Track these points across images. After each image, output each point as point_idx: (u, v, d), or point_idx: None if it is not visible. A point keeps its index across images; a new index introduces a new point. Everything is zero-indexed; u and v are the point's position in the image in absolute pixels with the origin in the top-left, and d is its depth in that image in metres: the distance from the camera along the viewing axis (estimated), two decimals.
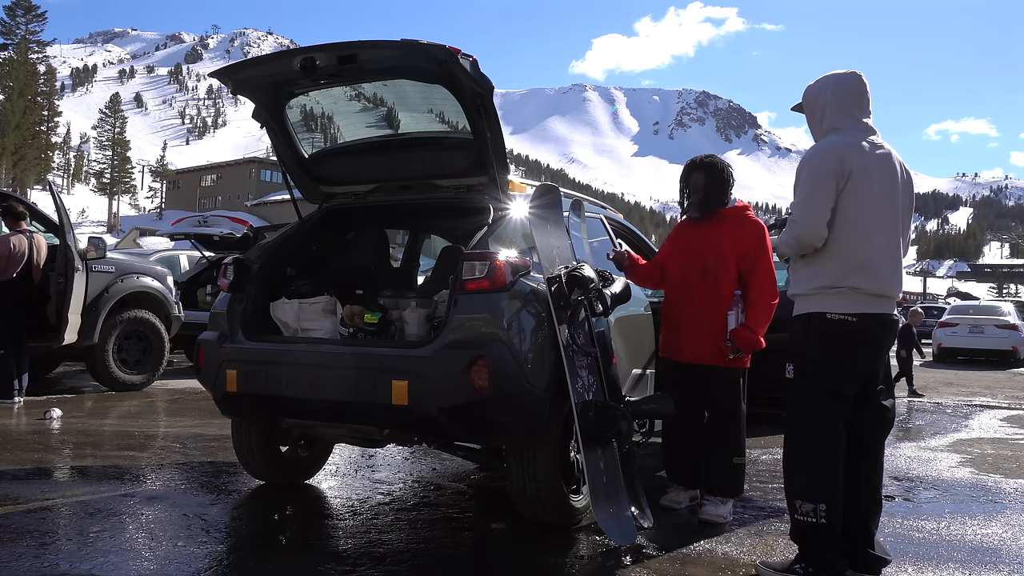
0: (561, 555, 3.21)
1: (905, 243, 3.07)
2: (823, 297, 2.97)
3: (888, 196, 2.96)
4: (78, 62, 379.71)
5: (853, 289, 2.92)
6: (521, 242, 3.75)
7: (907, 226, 3.08)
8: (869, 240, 2.93)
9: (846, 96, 3.01)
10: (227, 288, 3.95)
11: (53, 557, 3.03)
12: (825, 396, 2.95)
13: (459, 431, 3.47)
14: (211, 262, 10.84)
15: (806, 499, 2.89)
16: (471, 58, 3.41)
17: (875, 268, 2.92)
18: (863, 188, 2.91)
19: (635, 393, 4.22)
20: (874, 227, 2.93)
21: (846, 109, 3.01)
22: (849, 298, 2.93)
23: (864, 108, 3.03)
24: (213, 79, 4.81)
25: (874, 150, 2.96)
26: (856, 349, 2.97)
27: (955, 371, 14.76)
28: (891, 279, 2.97)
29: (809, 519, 2.87)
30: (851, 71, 3.08)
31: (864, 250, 2.92)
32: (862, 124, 3.00)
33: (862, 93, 3.03)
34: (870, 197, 2.92)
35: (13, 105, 64.92)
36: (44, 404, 6.67)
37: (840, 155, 2.91)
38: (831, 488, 2.89)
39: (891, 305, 3.01)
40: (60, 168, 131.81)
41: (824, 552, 2.86)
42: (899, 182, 3.01)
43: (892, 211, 2.97)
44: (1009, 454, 6.03)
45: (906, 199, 3.05)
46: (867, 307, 2.94)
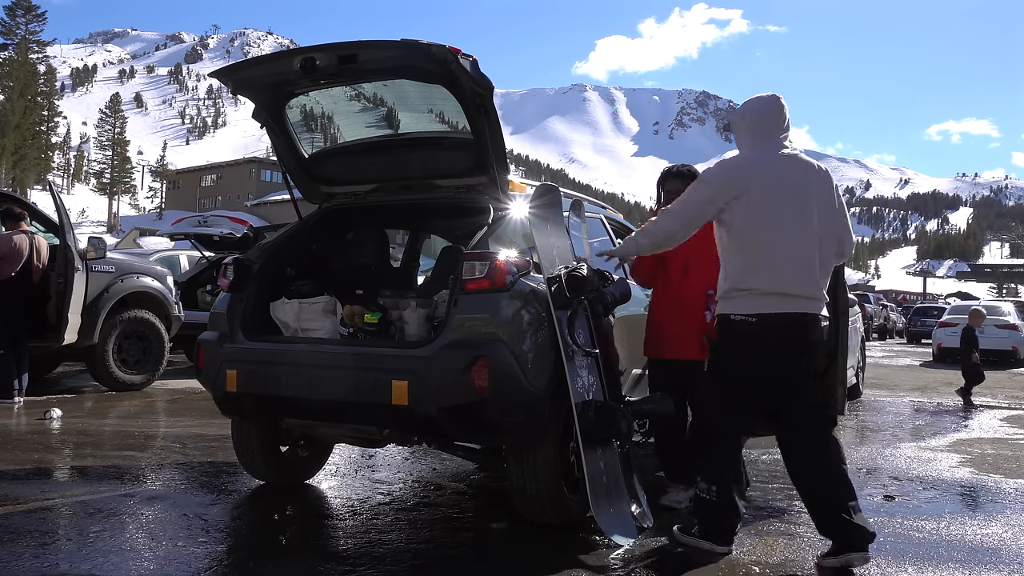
0: (561, 555, 3.20)
1: (832, 240, 3.22)
2: (729, 300, 3.21)
3: (792, 201, 3.15)
4: (78, 62, 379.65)
5: (751, 290, 3.14)
6: (521, 242, 3.75)
7: (829, 224, 3.21)
8: (765, 241, 3.13)
9: (762, 117, 3.27)
10: (227, 288, 3.95)
11: (53, 557, 3.03)
12: (726, 392, 3.22)
13: (459, 431, 3.47)
14: (211, 262, 10.84)
15: (703, 479, 3.25)
16: (471, 58, 3.41)
17: (774, 268, 3.11)
18: (759, 197, 3.13)
19: (635, 393, 4.23)
20: (771, 231, 3.13)
21: (760, 129, 3.26)
22: (749, 299, 3.14)
23: (779, 126, 3.26)
24: (213, 79, 4.81)
25: (780, 161, 3.20)
26: (758, 348, 3.15)
27: (955, 371, 14.74)
28: (794, 277, 3.11)
29: (704, 495, 3.23)
30: (771, 95, 3.33)
31: (761, 252, 3.13)
32: (774, 141, 3.24)
33: (777, 114, 3.27)
34: (768, 205, 3.13)
35: (13, 105, 64.91)
36: (44, 404, 6.67)
37: (733, 172, 3.22)
38: (721, 474, 3.21)
39: (796, 303, 3.12)
40: (60, 168, 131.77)
41: (710, 523, 3.24)
42: (810, 186, 3.18)
43: (798, 214, 3.15)
44: (1009, 454, 6.03)
45: (820, 201, 3.21)
46: (767, 307, 3.11)
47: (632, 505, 3.46)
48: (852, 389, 9.00)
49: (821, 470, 3.15)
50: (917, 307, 33.15)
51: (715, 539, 3.23)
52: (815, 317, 3.19)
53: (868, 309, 26.76)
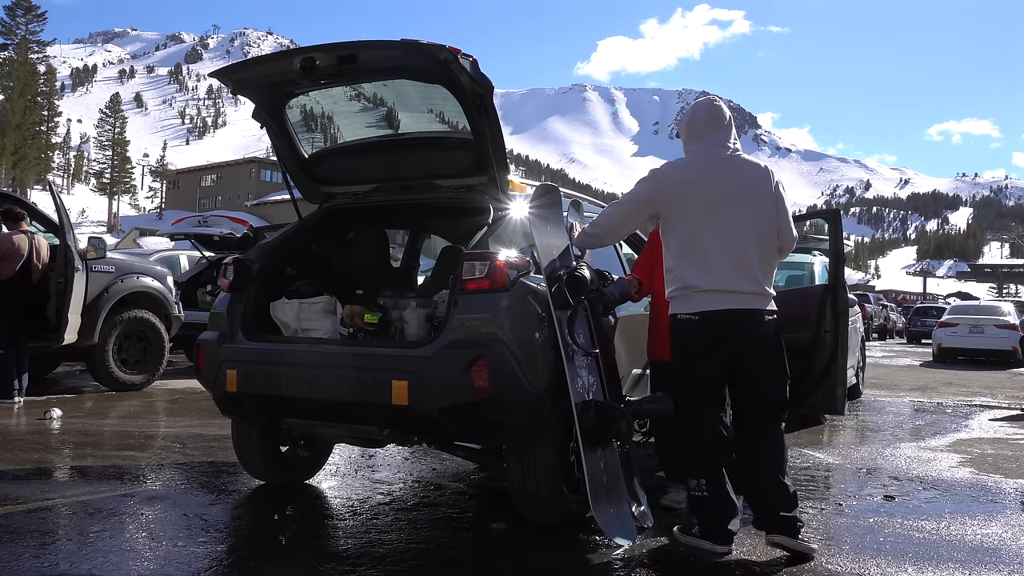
0: (561, 555, 3.21)
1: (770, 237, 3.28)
2: (674, 299, 3.31)
3: (727, 200, 3.22)
4: (78, 62, 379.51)
5: (691, 288, 3.21)
6: (521, 242, 3.75)
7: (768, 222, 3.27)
8: (700, 241, 3.21)
9: (699, 121, 3.37)
10: (227, 288, 3.95)
11: (53, 557, 3.03)
12: (687, 389, 3.31)
13: (459, 431, 3.47)
14: (211, 262, 10.84)
15: (692, 476, 3.29)
16: (471, 58, 3.41)
17: (710, 267, 3.18)
18: (694, 199, 3.23)
19: (635, 393, 4.23)
20: (706, 230, 3.20)
21: (696, 131, 3.36)
22: (691, 298, 3.23)
23: (714, 129, 3.33)
24: (213, 79, 4.81)
25: (714, 164, 3.27)
26: (704, 344, 3.23)
27: (955, 371, 14.76)
28: (730, 274, 3.18)
29: (696, 493, 3.26)
30: (708, 99, 3.44)
31: (697, 252, 3.22)
32: (711, 141, 3.32)
33: (712, 116, 3.36)
34: (701, 205, 3.21)
35: (13, 105, 64.89)
36: (44, 404, 6.67)
37: (669, 176, 3.34)
38: (706, 466, 3.24)
39: (739, 299, 3.19)
40: (60, 168, 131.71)
41: (709, 521, 3.24)
42: (747, 185, 3.26)
43: (735, 212, 3.21)
44: (1009, 454, 6.03)
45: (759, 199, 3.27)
46: (707, 304, 3.19)
47: (632, 505, 3.45)
48: (852, 389, 9.00)
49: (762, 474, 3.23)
50: (917, 307, 33.15)
51: (715, 538, 3.23)
52: (757, 312, 3.24)
53: (868, 309, 26.75)
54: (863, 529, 3.67)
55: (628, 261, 4.95)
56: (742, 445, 3.32)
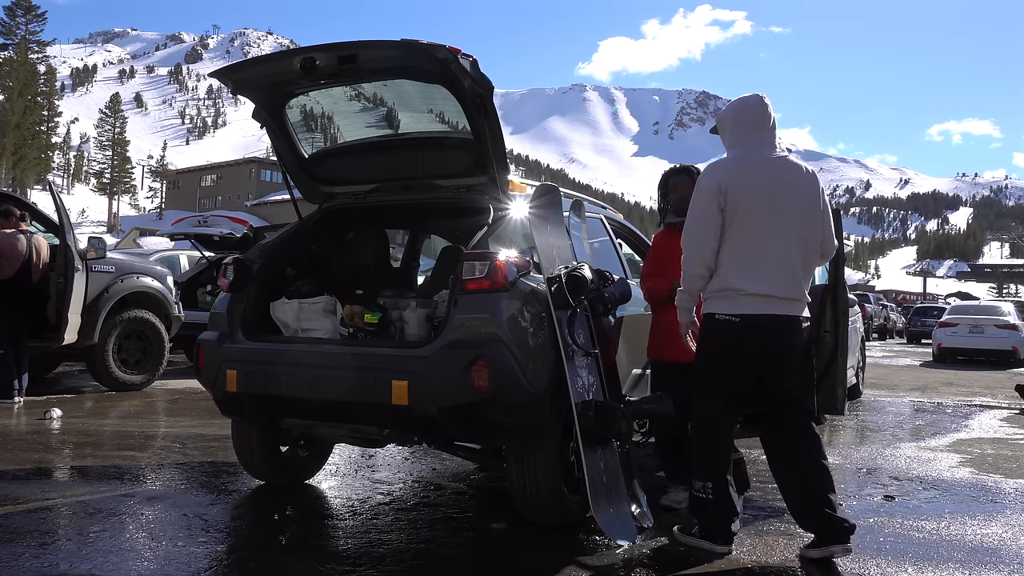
0: (561, 555, 3.20)
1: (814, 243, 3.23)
2: (714, 299, 3.23)
3: (776, 203, 3.15)
4: (78, 62, 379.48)
5: (736, 291, 3.14)
6: (521, 242, 3.75)
7: (813, 227, 3.23)
8: (751, 244, 3.14)
9: (741, 118, 3.28)
10: (227, 288, 3.95)
11: (53, 557, 3.03)
12: (710, 390, 3.24)
13: (459, 431, 3.47)
14: (211, 262, 10.84)
15: (697, 477, 3.25)
16: (471, 58, 3.41)
17: (758, 270, 3.13)
18: (743, 199, 3.13)
19: (635, 393, 4.23)
20: (756, 232, 3.14)
21: (743, 129, 3.26)
22: (734, 300, 3.16)
23: (760, 126, 3.26)
24: (213, 79, 4.81)
25: (764, 163, 3.19)
26: (741, 347, 3.18)
27: (955, 371, 14.76)
28: (777, 280, 3.14)
29: (700, 494, 3.22)
30: (753, 95, 3.32)
31: (747, 254, 3.15)
32: (759, 139, 3.23)
33: (757, 115, 3.26)
34: (752, 206, 3.14)
35: (13, 105, 64.87)
36: (44, 404, 6.67)
37: (718, 175, 3.18)
38: (714, 470, 3.21)
39: (781, 305, 3.16)
40: (60, 168, 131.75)
41: (710, 522, 3.23)
42: (794, 188, 3.19)
43: (782, 216, 3.16)
44: (1009, 454, 6.02)
45: (805, 203, 3.21)
46: (751, 308, 3.14)
47: (632, 505, 3.46)
48: (852, 389, 9.00)
49: (803, 463, 3.21)
50: (917, 307, 33.14)
51: (715, 539, 3.23)
52: (797, 319, 3.23)
53: (868, 309, 26.74)
54: (863, 529, 3.67)
55: (628, 261, 4.96)
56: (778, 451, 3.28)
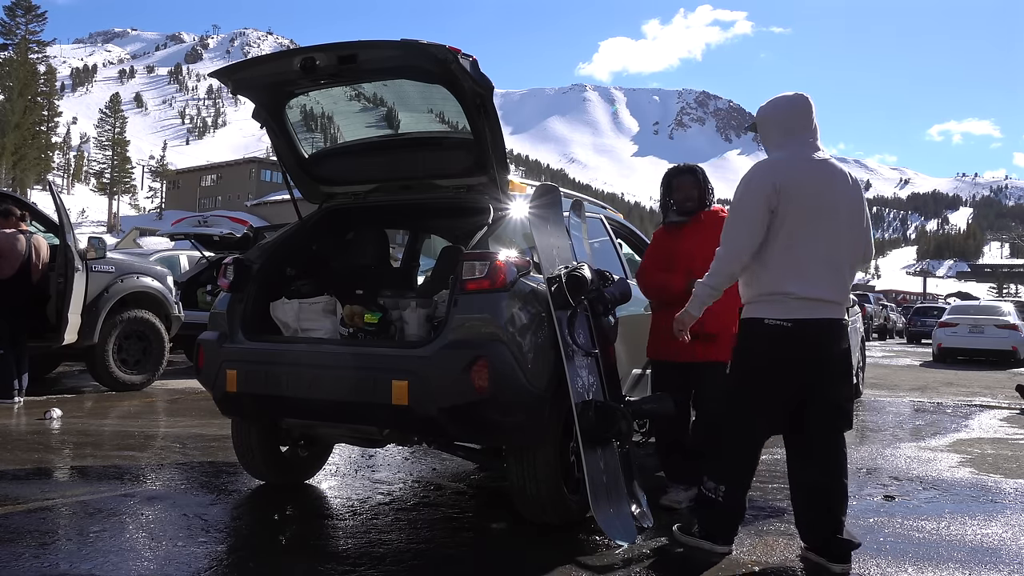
0: (561, 555, 3.20)
1: (857, 247, 3.20)
2: (761, 304, 3.15)
3: (824, 206, 3.10)
4: (78, 62, 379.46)
5: (787, 295, 3.08)
6: (521, 242, 3.75)
7: (856, 231, 3.19)
8: (802, 248, 3.08)
9: (789, 117, 3.20)
10: (227, 288, 3.95)
11: (53, 557, 3.03)
12: (750, 396, 3.18)
13: (459, 431, 3.47)
14: (211, 262, 10.84)
15: (711, 478, 3.22)
16: (471, 58, 3.41)
17: (809, 274, 3.08)
18: (794, 201, 3.06)
19: (635, 393, 4.23)
20: (807, 235, 3.08)
21: (789, 129, 3.19)
22: (784, 304, 3.10)
23: (806, 127, 3.19)
24: (213, 79, 4.81)
25: (812, 164, 3.12)
26: (789, 352, 3.12)
27: (955, 371, 14.76)
28: (827, 284, 3.10)
29: (710, 495, 3.21)
30: (798, 94, 3.24)
31: (797, 257, 3.08)
32: (804, 141, 3.16)
33: (805, 114, 3.19)
34: (802, 208, 3.07)
35: (13, 105, 64.87)
36: (44, 404, 6.67)
37: (771, 174, 3.10)
38: (734, 475, 3.20)
39: (829, 309, 3.13)
40: (60, 168, 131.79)
41: (712, 523, 3.24)
42: (839, 192, 3.14)
43: (829, 219, 3.11)
44: (1009, 454, 6.02)
45: (849, 207, 3.17)
46: (802, 312, 3.08)
47: (632, 505, 3.46)
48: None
49: (825, 479, 3.15)
50: (917, 307, 33.14)
51: (716, 539, 3.22)
52: (843, 322, 3.20)
53: (868, 309, 26.74)
54: (863, 529, 3.67)
55: (628, 261, 4.96)
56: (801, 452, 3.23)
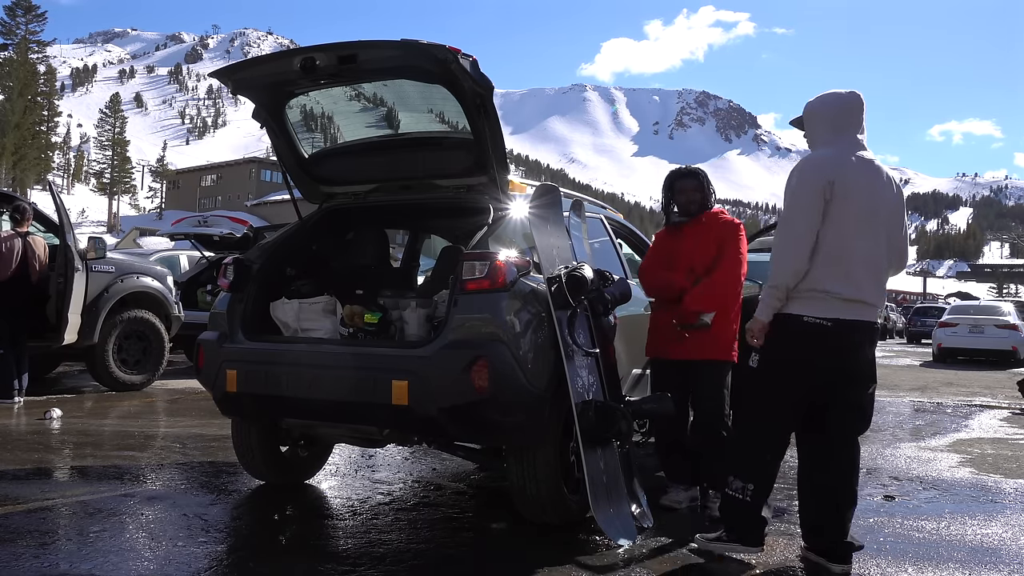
0: (561, 555, 3.20)
1: (895, 252, 3.17)
2: (802, 300, 3.10)
3: (871, 207, 3.07)
4: (78, 62, 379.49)
5: (829, 293, 3.04)
6: (521, 242, 3.75)
7: (896, 235, 3.16)
8: (847, 247, 3.05)
9: (841, 113, 3.15)
10: (227, 288, 3.95)
11: (53, 557, 3.03)
12: (779, 392, 3.14)
13: (459, 431, 3.47)
14: (211, 262, 10.84)
15: (738, 477, 3.15)
16: (471, 58, 3.41)
17: (853, 275, 3.05)
18: (844, 199, 3.03)
19: (635, 393, 4.23)
20: (853, 235, 3.05)
21: (839, 126, 3.14)
22: (826, 303, 3.06)
23: (857, 125, 3.16)
24: (213, 79, 4.81)
25: (861, 164, 3.09)
26: (826, 351, 3.09)
27: (955, 371, 14.76)
28: (869, 286, 3.08)
29: (737, 495, 3.13)
30: (851, 91, 3.20)
31: (842, 257, 3.05)
32: (853, 139, 3.13)
33: (856, 111, 3.16)
34: (851, 208, 3.04)
35: (13, 105, 64.86)
36: (44, 404, 6.67)
37: (825, 169, 3.06)
38: (761, 473, 3.14)
39: (868, 311, 3.11)
40: (60, 168, 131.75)
41: (742, 525, 3.16)
42: (884, 194, 3.12)
43: (874, 221, 3.08)
44: (1009, 454, 6.02)
45: (892, 210, 3.15)
46: (843, 312, 3.06)
47: (632, 505, 3.46)
48: None
49: (836, 480, 3.13)
50: (917, 307, 33.14)
51: (747, 540, 3.14)
52: (877, 325, 3.20)
53: None
54: (863, 529, 3.67)
55: (628, 261, 4.96)
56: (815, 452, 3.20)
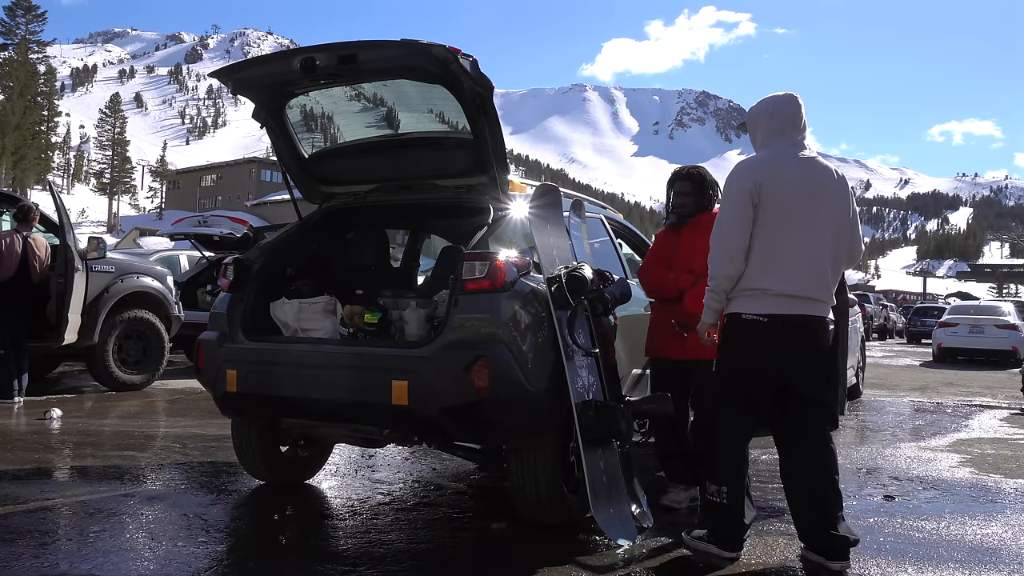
0: (561, 555, 3.20)
1: (844, 246, 3.21)
2: (740, 299, 3.17)
3: (807, 205, 3.12)
4: (78, 62, 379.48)
5: (764, 291, 3.10)
6: (521, 242, 3.75)
7: (843, 230, 3.20)
8: (781, 245, 3.10)
9: (776, 116, 3.23)
10: (227, 288, 3.95)
11: (53, 557, 3.03)
12: (733, 392, 3.18)
13: (459, 431, 3.47)
14: (211, 262, 10.84)
15: (712, 481, 3.18)
16: (471, 58, 3.41)
17: (786, 271, 3.09)
18: (774, 199, 3.10)
19: (635, 393, 4.23)
20: (787, 233, 3.10)
21: (776, 128, 3.22)
22: (762, 299, 3.12)
23: (793, 126, 3.22)
24: (213, 79, 4.81)
25: (797, 163, 3.16)
26: (767, 348, 3.13)
27: (955, 371, 14.76)
28: (805, 281, 3.11)
29: (715, 499, 3.16)
30: (787, 93, 3.28)
31: (776, 254, 3.11)
32: (792, 140, 3.20)
33: (792, 113, 3.23)
34: (783, 206, 3.10)
35: (13, 105, 64.87)
36: (44, 404, 6.67)
37: (754, 172, 3.14)
38: (732, 474, 3.16)
39: (808, 306, 3.13)
40: (60, 168, 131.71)
41: (721, 528, 3.16)
42: (823, 191, 3.16)
43: (812, 218, 3.13)
44: (1009, 454, 6.02)
45: (834, 205, 3.18)
46: (779, 308, 3.10)
47: (632, 505, 3.46)
48: (852, 389, 9.00)
49: (817, 474, 3.15)
50: (917, 307, 33.13)
51: (725, 544, 3.16)
52: (824, 320, 3.19)
53: (868, 309, 26.74)
54: (863, 529, 3.67)
55: (628, 261, 4.96)
56: (790, 450, 3.23)
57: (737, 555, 3.18)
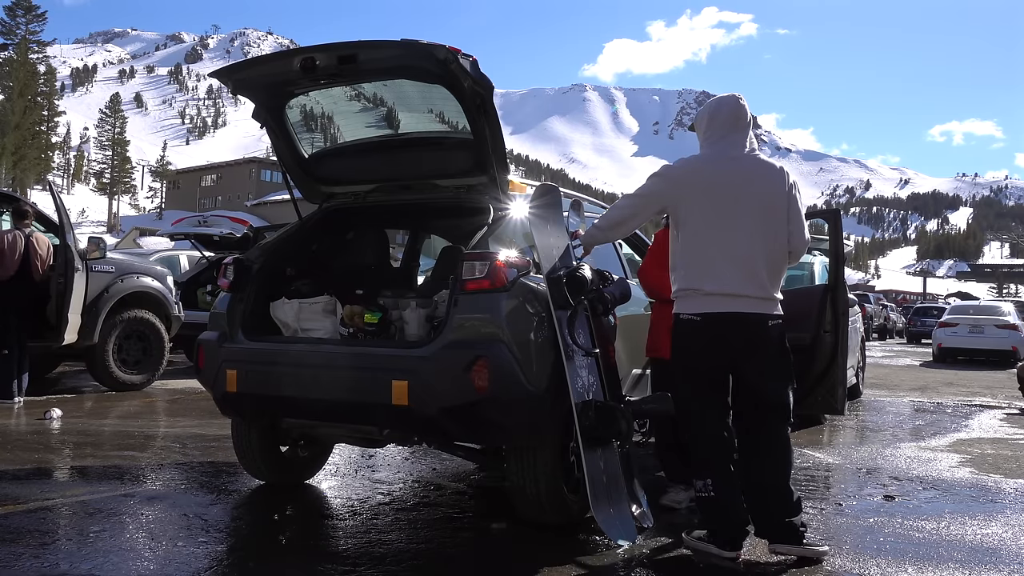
0: (561, 555, 3.20)
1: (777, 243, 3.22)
2: (679, 299, 3.29)
3: (734, 203, 3.17)
4: (78, 62, 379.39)
5: (696, 290, 3.20)
6: (521, 242, 3.75)
7: (776, 227, 3.21)
8: (708, 244, 3.18)
9: (715, 118, 3.29)
10: (227, 288, 3.95)
11: (53, 557, 3.03)
12: (687, 389, 3.29)
13: (459, 431, 3.47)
14: (211, 262, 10.84)
15: (697, 477, 3.25)
16: (471, 58, 3.41)
17: (715, 269, 3.16)
18: (700, 198, 3.19)
19: (635, 393, 4.23)
20: (714, 233, 3.17)
21: (716, 129, 3.28)
22: (696, 299, 3.21)
23: (731, 126, 3.27)
24: (213, 79, 4.81)
25: (728, 163, 3.22)
26: (704, 346, 3.21)
27: (955, 371, 14.76)
28: (736, 279, 3.15)
29: (702, 493, 3.21)
30: (730, 94, 3.34)
31: (702, 254, 3.20)
32: (730, 140, 3.25)
33: (730, 114, 3.28)
34: (711, 206, 3.18)
35: (13, 105, 64.87)
36: (44, 404, 6.67)
37: (680, 173, 3.28)
38: (710, 464, 3.20)
39: (743, 303, 3.16)
40: (60, 168, 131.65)
41: (715, 521, 3.21)
42: (757, 189, 3.20)
43: (741, 217, 3.17)
44: (1009, 454, 6.03)
45: (770, 203, 3.21)
46: (711, 307, 3.17)
47: (632, 505, 3.46)
48: (852, 389, 9.00)
49: (768, 471, 3.19)
50: (917, 307, 33.14)
51: (722, 542, 3.16)
52: (761, 316, 3.19)
53: (868, 309, 26.74)
54: (863, 529, 3.67)
55: (628, 261, 4.96)
56: (743, 448, 3.27)
57: (737, 555, 3.17)
